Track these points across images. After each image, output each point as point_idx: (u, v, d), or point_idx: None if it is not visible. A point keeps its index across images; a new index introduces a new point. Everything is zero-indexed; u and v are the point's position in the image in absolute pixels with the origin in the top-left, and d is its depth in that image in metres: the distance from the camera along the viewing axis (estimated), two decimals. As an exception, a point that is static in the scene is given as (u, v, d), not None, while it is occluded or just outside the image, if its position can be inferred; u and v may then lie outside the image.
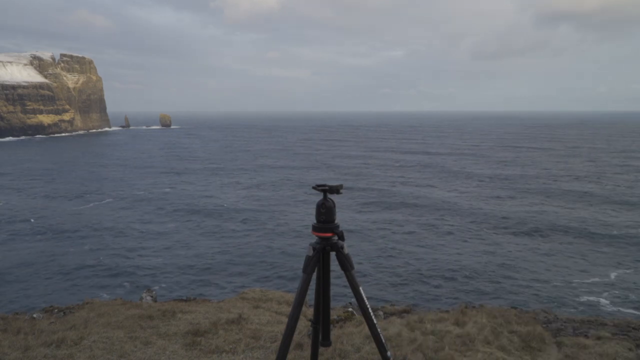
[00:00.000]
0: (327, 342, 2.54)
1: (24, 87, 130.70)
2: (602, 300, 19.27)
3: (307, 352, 3.99)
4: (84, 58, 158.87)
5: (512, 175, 54.72)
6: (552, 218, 33.25)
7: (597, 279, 21.67)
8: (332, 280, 2.46)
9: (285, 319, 5.75)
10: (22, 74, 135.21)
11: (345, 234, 2.40)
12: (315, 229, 2.36)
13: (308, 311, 5.94)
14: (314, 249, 2.37)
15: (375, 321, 2.37)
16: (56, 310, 6.41)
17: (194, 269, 23.90)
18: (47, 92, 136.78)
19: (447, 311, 6.16)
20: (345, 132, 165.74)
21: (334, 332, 4.89)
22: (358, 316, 5.76)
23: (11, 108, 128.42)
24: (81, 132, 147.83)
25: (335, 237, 2.38)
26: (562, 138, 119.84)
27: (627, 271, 22.62)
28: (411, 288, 20.89)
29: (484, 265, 23.71)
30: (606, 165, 62.29)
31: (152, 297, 7.56)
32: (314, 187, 2.35)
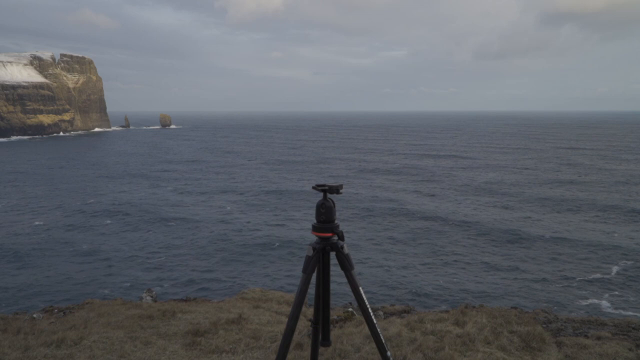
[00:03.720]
0: (327, 342, 2.54)
1: (24, 87, 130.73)
2: (602, 301, 19.27)
3: (307, 352, 3.98)
4: (84, 58, 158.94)
5: (512, 179, 54.75)
6: (552, 220, 33.27)
7: (597, 279, 21.67)
8: (332, 280, 2.46)
9: (285, 319, 5.76)
10: (22, 74, 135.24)
11: (345, 235, 2.40)
12: (315, 228, 2.36)
13: (308, 311, 5.94)
14: (313, 249, 2.37)
15: (375, 321, 2.37)
16: (56, 310, 6.42)
17: (194, 269, 23.90)
18: (47, 92, 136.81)
19: (447, 311, 6.16)
20: (344, 132, 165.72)
21: (334, 332, 4.89)
22: (358, 316, 5.76)
23: (11, 108, 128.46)
24: (81, 132, 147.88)
25: (335, 237, 2.38)
26: (563, 139, 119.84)
27: (628, 271, 22.62)
28: (411, 288, 20.89)
29: (483, 266, 23.71)
30: (609, 168, 62.31)
31: (152, 297, 7.56)
32: (313, 187, 2.35)
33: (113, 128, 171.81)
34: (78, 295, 19.35)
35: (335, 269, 2.44)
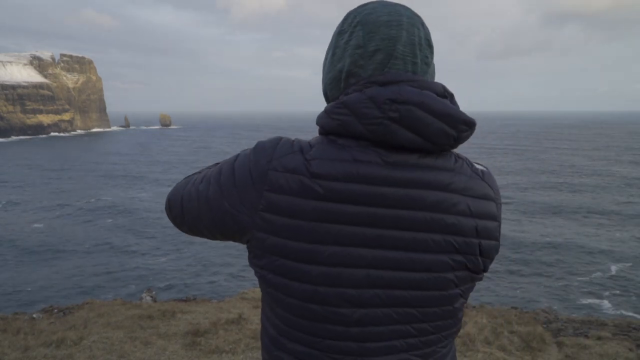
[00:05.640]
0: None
1: (23, 87, 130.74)
2: (603, 301, 19.27)
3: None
4: (83, 58, 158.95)
5: (512, 180, 54.87)
6: (551, 221, 33.27)
7: (597, 280, 21.68)
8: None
9: (285, 319, 5.73)
10: (21, 74, 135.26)
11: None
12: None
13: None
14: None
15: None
16: (56, 310, 6.41)
17: (194, 269, 23.91)
18: (46, 92, 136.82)
19: (447, 311, 6.15)
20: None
21: (334, 332, 4.88)
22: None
23: (11, 108, 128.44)
24: (81, 132, 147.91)
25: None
26: (563, 139, 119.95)
27: (628, 272, 22.62)
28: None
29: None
30: (610, 169, 62.35)
31: (152, 297, 7.55)
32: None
33: (113, 128, 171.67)
34: (78, 295, 19.33)
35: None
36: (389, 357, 0.91)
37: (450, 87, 0.96)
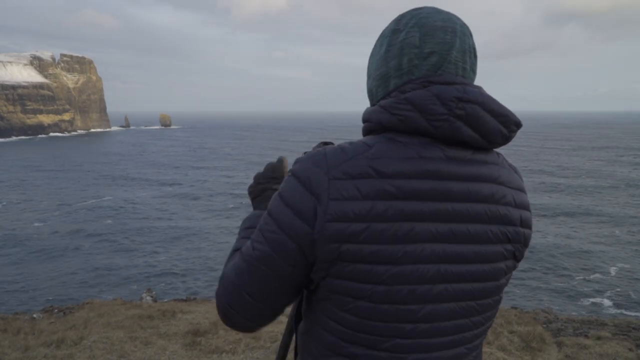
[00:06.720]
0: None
1: (24, 87, 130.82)
2: (603, 300, 19.28)
3: (307, 352, 3.97)
4: (84, 58, 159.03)
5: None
6: (550, 223, 33.25)
7: (597, 280, 21.68)
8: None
9: (285, 319, 5.74)
10: (22, 74, 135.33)
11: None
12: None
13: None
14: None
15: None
16: (56, 310, 6.42)
17: (195, 268, 23.91)
18: (47, 92, 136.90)
19: (447, 311, 6.15)
20: (347, 132, 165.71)
21: (334, 332, 4.88)
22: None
23: (11, 108, 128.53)
24: (81, 132, 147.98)
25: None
26: (563, 139, 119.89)
27: (628, 272, 22.63)
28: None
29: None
30: (609, 170, 62.33)
31: (152, 297, 7.56)
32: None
33: (113, 128, 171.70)
34: (78, 295, 19.33)
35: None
36: (447, 351, 0.93)
37: (449, 87, 0.98)
